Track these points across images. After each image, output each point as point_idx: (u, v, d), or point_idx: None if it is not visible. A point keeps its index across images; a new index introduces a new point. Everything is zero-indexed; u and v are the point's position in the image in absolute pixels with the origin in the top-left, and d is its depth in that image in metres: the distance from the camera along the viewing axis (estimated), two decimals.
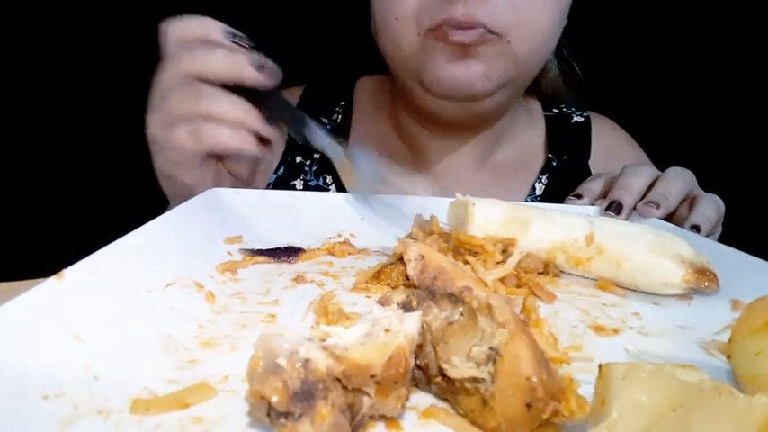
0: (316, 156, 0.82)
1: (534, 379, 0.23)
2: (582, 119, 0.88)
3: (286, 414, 0.22)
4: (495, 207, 0.48)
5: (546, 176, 0.83)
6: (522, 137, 0.85)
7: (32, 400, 0.23)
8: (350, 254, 0.50)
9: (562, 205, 0.62)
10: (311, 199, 0.59)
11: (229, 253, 0.46)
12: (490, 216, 0.47)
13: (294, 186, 0.81)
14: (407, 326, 0.26)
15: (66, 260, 0.32)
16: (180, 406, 0.25)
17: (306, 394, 0.22)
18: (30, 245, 1.02)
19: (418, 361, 0.27)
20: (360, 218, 0.56)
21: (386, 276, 0.41)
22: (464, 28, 0.59)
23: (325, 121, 0.85)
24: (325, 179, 0.81)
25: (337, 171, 0.55)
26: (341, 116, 0.85)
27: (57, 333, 0.27)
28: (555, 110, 0.89)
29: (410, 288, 0.31)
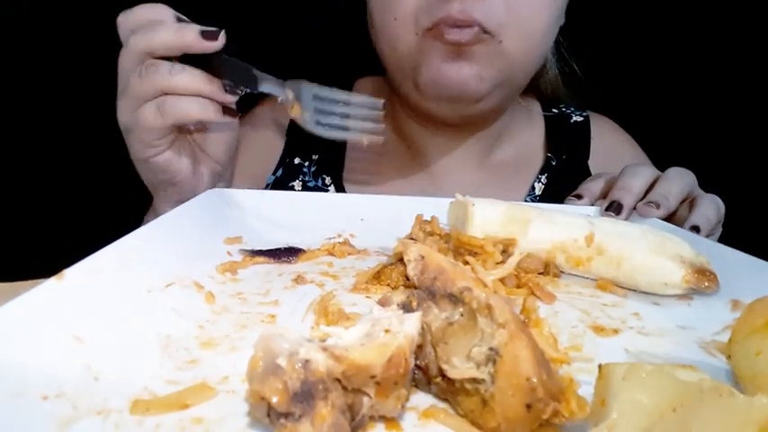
0: (314, 156, 0.83)
1: (534, 379, 0.23)
2: (581, 119, 0.88)
3: (286, 415, 0.22)
4: (494, 207, 0.48)
5: (545, 176, 0.83)
6: (521, 136, 0.85)
7: (32, 401, 0.23)
8: (350, 254, 0.50)
9: (562, 205, 0.62)
10: (311, 199, 0.59)
11: (229, 253, 0.46)
12: (490, 216, 0.47)
13: (293, 188, 0.81)
14: (407, 326, 0.26)
15: (66, 260, 0.32)
16: (180, 406, 0.25)
17: (306, 395, 0.22)
18: (30, 245, 1.02)
19: (418, 361, 0.27)
20: (360, 218, 0.56)
21: (386, 277, 0.41)
22: (461, 26, 0.60)
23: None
24: (323, 180, 0.81)
25: (286, 110, 0.57)
26: None
27: (57, 333, 0.27)
28: (554, 110, 0.89)
29: (410, 288, 0.31)
